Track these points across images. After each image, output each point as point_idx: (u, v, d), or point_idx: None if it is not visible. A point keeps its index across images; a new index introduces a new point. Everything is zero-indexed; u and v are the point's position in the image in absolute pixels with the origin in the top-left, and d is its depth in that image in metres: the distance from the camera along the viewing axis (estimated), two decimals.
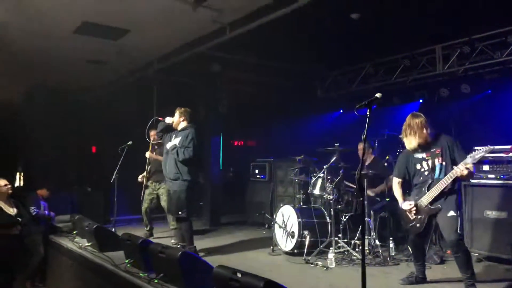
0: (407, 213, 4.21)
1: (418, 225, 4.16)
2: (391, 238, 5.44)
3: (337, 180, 5.61)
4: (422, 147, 4.21)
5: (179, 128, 5.64)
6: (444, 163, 4.10)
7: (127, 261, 4.77)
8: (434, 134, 4.22)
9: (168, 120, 5.71)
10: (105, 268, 4.92)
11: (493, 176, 5.20)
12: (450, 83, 7.45)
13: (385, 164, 5.60)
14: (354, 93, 8.81)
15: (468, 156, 3.87)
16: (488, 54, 6.64)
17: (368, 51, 7.75)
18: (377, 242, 5.42)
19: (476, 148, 3.93)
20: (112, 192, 6.88)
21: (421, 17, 6.13)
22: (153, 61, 8.19)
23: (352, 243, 5.45)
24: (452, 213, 3.96)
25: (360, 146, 6.42)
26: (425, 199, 4.09)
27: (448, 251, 5.45)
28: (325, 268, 4.97)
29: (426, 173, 4.17)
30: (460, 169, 3.85)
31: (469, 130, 6.93)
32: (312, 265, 5.13)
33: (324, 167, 5.70)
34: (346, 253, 5.36)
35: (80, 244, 6.02)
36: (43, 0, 5.48)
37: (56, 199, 7.54)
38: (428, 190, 4.08)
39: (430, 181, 4.10)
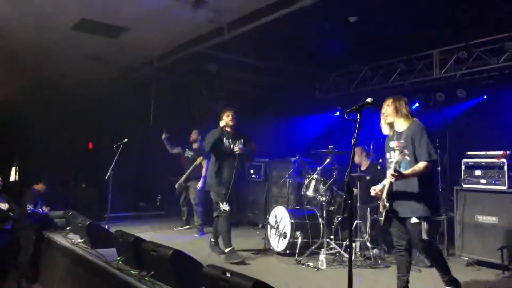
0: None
1: (380, 218, 3.79)
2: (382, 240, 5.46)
3: (330, 182, 5.64)
4: (395, 134, 3.76)
5: (232, 129, 5.68)
6: (408, 158, 3.55)
7: (119, 258, 4.80)
8: (409, 121, 3.70)
9: (221, 123, 5.66)
10: (96, 265, 4.93)
11: (484, 181, 5.23)
12: (446, 88, 7.48)
13: (379, 167, 5.60)
14: (352, 95, 8.82)
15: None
16: (485, 60, 6.67)
17: (367, 54, 7.76)
18: (368, 244, 5.44)
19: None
20: (107, 189, 6.91)
21: (419, 22, 6.15)
22: (153, 59, 8.19)
23: (344, 244, 5.46)
24: (414, 219, 3.52)
25: (355, 150, 6.32)
26: (384, 195, 3.66)
27: None
28: (316, 269, 5.00)
29: (391, 165, 3.61)
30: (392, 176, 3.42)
31: (464, 135, 6.97)
32: (303, 266, 5.16)
33: (318, 168, 5.72)
34: (337, 254, 5.39)
35: (73, 241, 6.03)
36: None
37: (51, 195, 7.56)
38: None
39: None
